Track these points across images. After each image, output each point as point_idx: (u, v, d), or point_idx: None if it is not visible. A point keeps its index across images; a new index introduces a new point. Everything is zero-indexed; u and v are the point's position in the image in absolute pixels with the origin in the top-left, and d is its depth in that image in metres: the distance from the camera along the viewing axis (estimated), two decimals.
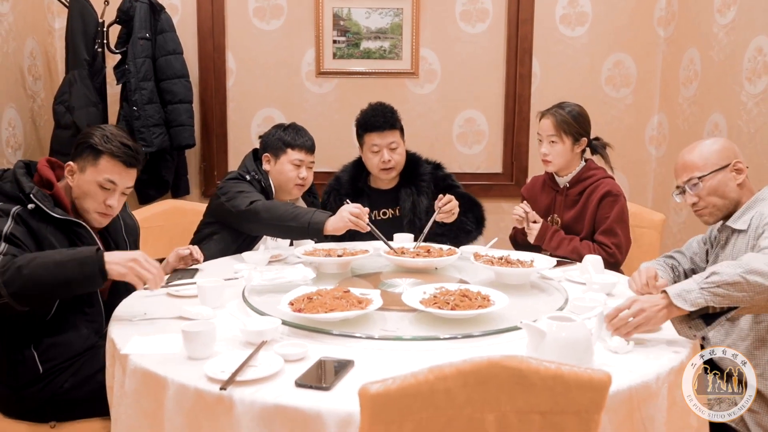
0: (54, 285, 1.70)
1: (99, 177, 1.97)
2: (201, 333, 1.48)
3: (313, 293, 1.75)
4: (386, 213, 2.85)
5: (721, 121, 3.11)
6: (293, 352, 1.47)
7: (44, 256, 1.73)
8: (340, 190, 2.86)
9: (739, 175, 1.94)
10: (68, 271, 1.70)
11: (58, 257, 1.72)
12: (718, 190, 1.94)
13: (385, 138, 2.75)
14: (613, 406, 1.35)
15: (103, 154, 1.97)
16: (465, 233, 2.76)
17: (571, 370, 1.14)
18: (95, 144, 1.96)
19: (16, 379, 1.88)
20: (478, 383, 1.12)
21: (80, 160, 1.98)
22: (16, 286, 1.66)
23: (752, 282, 1.52)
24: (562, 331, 1.41)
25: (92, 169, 1.97)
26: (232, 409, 1.30)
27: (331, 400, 1.28)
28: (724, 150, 1.96)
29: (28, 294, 1.69)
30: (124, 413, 1.48)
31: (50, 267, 1.69)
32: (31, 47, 3.17)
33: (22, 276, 1.66)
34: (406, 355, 1.53)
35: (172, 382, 1.38)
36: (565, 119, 2.55)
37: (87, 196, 1.98)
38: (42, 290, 1.70)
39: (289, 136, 2.66)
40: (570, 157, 2.57)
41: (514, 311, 1.75)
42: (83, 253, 1.74)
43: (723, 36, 3.10)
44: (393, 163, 2.76)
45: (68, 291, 1.78)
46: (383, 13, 3.60)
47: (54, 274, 1.69)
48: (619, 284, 2.05)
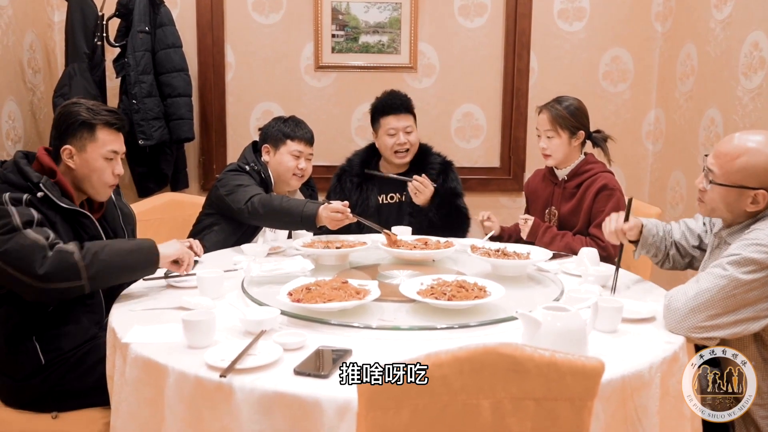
0: (123, 270, 1.87)
1: (102, 150, 2.00)
2: (201, 322, 1.50)
3: (312, 284, 1.77)
4: (393, 197, 2.92)
5: (717, 116, 3.12)
6: (292, 341, 1.49)
7: (113, 245, 1.88)
8: (351, 172, 2.94)
9: (753, 205, 1.72)
10: (135, 258, 1.88)
11: (126, 246, 1.91)
12: (726, 200, 1.76)
13: (401, 121, 2.87)
14: (605, 394, 1.37)
15: (97, 126, 1.99)
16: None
17: (564, 358, 1.16)
18: (86, 119, 1.97)
19: (18, 370, 1.90)
20: (474, 370, 1.14)
21: (75, 140, 1.98)
22: (94, 269, 1.78)
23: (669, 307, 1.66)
24: (557, 321, 1.43)
25: (92, 144, 1.99)
26: (232, 397, 1.32)
27: (329, 387, 1.31)
28: (763, 173, 1.69)
29: (101, 277, 1.81)
30: (124, 401, 1.50)
31: (122, 254, 1.86)
32: (31, 40, 3.18)
33: (99, 261, 1.79)
34: (404, 344, 1.55)
35: (173, 370, 1.40)
36: (560, 114, 2.58)
37: (94, 172, 2.00)
38: (112, 275, 1.85)
39: (289, 127, 2.71)
40: (568, 150, 2.59)
41: (510, 302, 1.78)
42: (146, 243, 1.93)
43: (720, 31, 3.12)
44: (408, 145, 2.87)
45: (131, 276, 1.94)
46: (382, 8, 3.61)
47: (125, 260, 1.86)
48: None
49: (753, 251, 1.61)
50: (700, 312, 1.61)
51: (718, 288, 1.61)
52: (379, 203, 2.92)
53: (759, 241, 1.62)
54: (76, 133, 1.97)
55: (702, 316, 1.61)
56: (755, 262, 1.60)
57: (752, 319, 1.62)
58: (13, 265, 1.72)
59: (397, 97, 2.94)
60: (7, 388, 1.93)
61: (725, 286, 1.60)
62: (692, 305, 1.61)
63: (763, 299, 1.61)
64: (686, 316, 1.61)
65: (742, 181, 1.71)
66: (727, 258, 1.64)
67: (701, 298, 1.61)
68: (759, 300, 1.61)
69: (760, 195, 1.70)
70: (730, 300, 1.60)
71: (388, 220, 2.77)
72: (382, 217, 2.86)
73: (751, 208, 1.73)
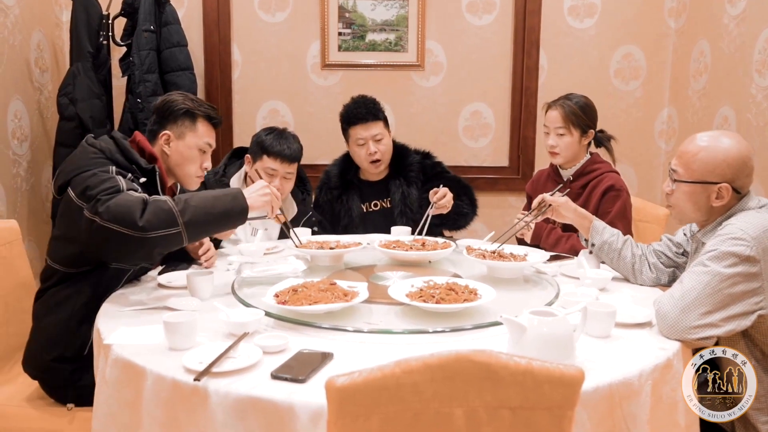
0: (215, 215, 1.80)
1: (200, 141, 2.07)
2: (182, 324, 1.49)
3: (299, 285, 1.74)
4: (377, 205, 2.84)
5: (730, 114, 3.04)
6: (273, 344, 1.46)
7: (201, 193, 1.84)
8: (330, 184, 2.85)
9: (717, 200, 1.73)
10: (225, 204, 1.81)
11: (213, 193, 1.85)
12: (692, 199, 1.77)
13: (369, 130, 2.73)
14: (592, 402, 1.33)
15: (199, 117, 2.06)
16: (462, 216, 2.76)
17: (541, 366, 1.12)
18: (191, 108, 2.05)
19: (62, 352, 1.87)
20: (446, 377, 1.10)
21: (175, 127, 2.05)
22: (188, 214, 1.74)
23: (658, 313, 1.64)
24: (543, 326, 1.39)
25: (192, 134, 2.06)
26: (207, 400, 1.30)
27: (304, 392, 1.28)
28: (724, 166, 1.71)
29: (196, 225, 1.76)
30: (104, 403, 1.49)
31: (210, 200, 1.80)
32: (38, 39, 3.20)
33: (191, 207, 1.75)
34: (389, 348, 1.51)
35: (150, 373, 1.39)
36: (573, 110, 2.52)
37: (187, 161, 2.07)
38: (205, 221, 1.79)
39: (269, 140, 2.52)
40: (577, 149, 2.54)
41: (503, 305, 1.73)
42: (232, 191, 1.88)
43: (733, 27, 3.04)
44: (379, 154, 2.75)
45: (222, 224, 1.86)
46: (389, 5, 3.58)
47: (215, 206, 1.79)
48: (613, 280, 2.03)
49: (729, 245, 1.60)
50: (690, 311, 1.58)
51: (702, 284, 1.59)
52: (363, 212, 2.83)
53: (733, 234, 1.62)
54: (177, 120, 2.06)
55: (693, 315, 1.57)
56: (734, 254, 1.59)
57: (743, 315, 1.59)
58: (117, 220, 1.70)
59: (362, 105, 2.77)
60: (42, 366, 1.91)
61: (709, 282, 1.59)
62: (681, 306, 1.59)
63: (750, 293, 1.59)
64: (677, 319, 1.58)
65: (703, 177, 1.73)
66: (706, 255, 1.63)
67: (688, 297, 1.59)
68: (746, 294, 1.59)
69: (723, 189, 1.72)
70: (717, 295, 1.58)
71: (377, 229, 2.69)
72: (369, 225, 2.79)
73: (717, 203, 1.74)
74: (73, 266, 1.90)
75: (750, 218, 1.67)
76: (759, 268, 1.60)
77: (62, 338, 1.88)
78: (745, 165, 1.73)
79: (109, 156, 1.91)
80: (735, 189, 1.73)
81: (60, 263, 1.92)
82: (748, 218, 1.67)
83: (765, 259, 1.60)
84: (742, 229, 1.62)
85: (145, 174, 1.96)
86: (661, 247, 2.08)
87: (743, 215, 1.70)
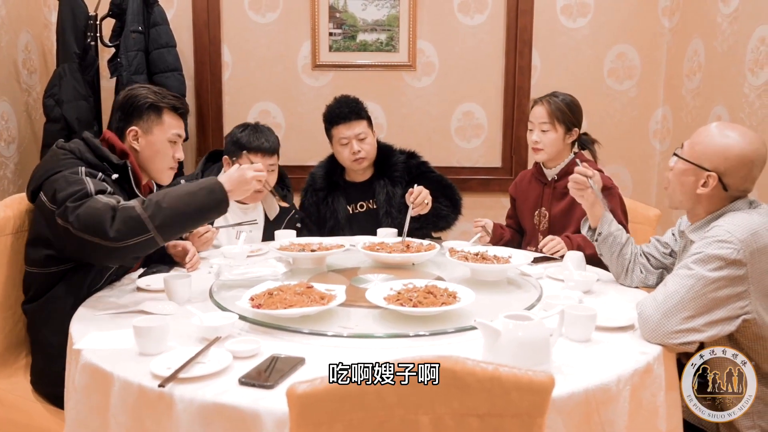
0: (190, 213, 1.76)
1: (168, 133, 2.05)
2: (152, 328, 1.46)
3: (275, 288, 1.71)
4: (363, 206, 2.82)
5: (724, 113, 3.01)
6: (244, 349, 1.44)
7: (174, 190, 1.78)
8: (315, 186, 2.83)
9: (702, 187, 1.71)
10: (201, 198, 1.77)
11: (187, 189, 1.78)
12: (681, 180, 1.75)
13: (352, 129, 2.72)
14: (567, 408, 1.30)
15: (164, 109, 2.04)
16: (442, 218, 2.72)
17: (509, 372, 1.09)
18: (154, 102, 2.03)
19: (53, 352, 1.81)
20: (411, 384, 1.07)
21: (142, 122, 2.03)
22: (159, 218, 1.70)
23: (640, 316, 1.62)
24: (519, 330, 1.36)
25: (159, 127, 2.04)
26: (173, 407, 1.27)
27: (272, 399, 1.25)
28: (720, 157, 1.68)
29: (169, 226, 1.73)
30: (73, 408, 1.46)
31: (184, 198, 1.75)
32: (26, 41, 3.18)
33: (162, 209, 1.71)
34: (366, 353, 1.47)
35: (117, 378, 1.36)
36: (559, 107, 2.50)
37: (158, 154, 2.05)
38: (180, 220, 1.75)
39: (246, 137, 2.54)
40: (561, 146, 2.51)
41: (484, 308, 1.70)
42: (209, 182, 1.82)
43: (726, 26, 3.00)
44: (363, 153, 2.73)
45: (201, 219, 1.84)
46: (380, 5, 3.55)
47: (189, 203, 1.75)
48: (598, 282, 1.99)
49: (715, 248, 1.57)
50: (672, 315, 1.54)
51: (686, 288, 1.56)
52: (349, 213, 2.81)
53: (719, 237, 1.58)
54: (143, 115, 2.03)
55: (675, 320, 1.54)
56: (719, 257, 1.56)
57: (727, 320, 1.56)
58: (89, 230, 1.69)
59: (345, 105, 2.78)
60: (53, 382, 1.80)
61: (693, 286, 1.56)
62: (663, 309, 1.55)
63: (735, 298, 1.56)
64: (659, 323, 1.55)
65: (699, 160, 1.72)
66: (692, 257, 1.60)
67: (671, 301, 1.56)
68: (731, 299, 1.56)
69: (710, 178, 1.70)
70: (701, 300, 1.55)
71: (364, 230, 2.67)
72: (355, 227, 2.77)
73: (701, 191, 1.72)
74: (53, 265, 1.88)
75: (738, 220, 1.64)
76: (745, 272, 1.56)
77: (62, 350, 1.76)
78: (743, 165, 1.67)
79: (79, 156, 1.89)
80: (723, 184, 1.69)
81: (39, 265, 1.89)
82: (736, 220, 1.64)
83: (752, 263, 1.57)
84: (729, 231, 1.59)
85: (117, 170, 1.94)
86: (649, 248, 2.05)
87: (732, 216, 1.67)
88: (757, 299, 1.58)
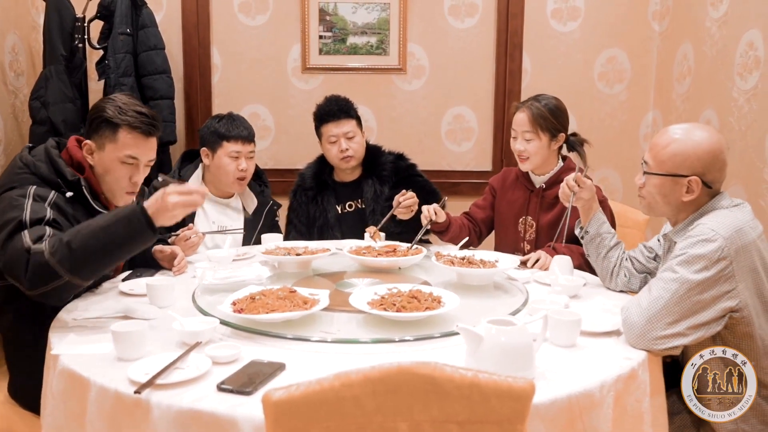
0: (106, 251, 1.62)
1: (120, 153, 1.89)
2: (130, 333, 1.44)
3: (258, 293, 1.69)
4: (352, 205, 2.81)
5: (713, 117, 3.00)
6: (224, 354, 1.42)
7: (88, 225, 1.64)
8: (304, 186, 2.83)
9: (687, 194, 1.68)
10: (117, 232, 1.60)
11: (101, 222, 1.63)
12: (661, 192, 1.72)
13: (341, 127, 2.73)
14: (549, 414, 1.28)
15: (121, 126, 1.88)
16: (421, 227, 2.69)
17: (489, 378, 1.08)
18: (110, 117, 1.88)
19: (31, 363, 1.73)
20: (389, 391, 1.06)
21: (97, 137, 1.90)
22: (69, 262, 1.58)
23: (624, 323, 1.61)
24: (501, 335, 1.34)
25: (111, 145, 1.89)
26: (149, 413, 1.26)
27: (250, 405, 1.23)
28: (694, 158, 1.66)
29: (84, 267, 1.61)
30: (50, 414, 1.44)
31: (98, 234, 1.60)
32: (13, 42, 3.15)
33: (72, 251, 1.58)
34: (348, 358, 1.46)
35: (94, 384, 1.34)
36: (541, 113, 2.40)
37: (108, 174, 1.91)
38: (96, 259, 1.62)
39: (224, 126, 2.62)
40: (547, 154, 2.44)
41: (469, 313, 1.69)
42: (125, 211, 1.64)
43: (716, 30, 3.00)
44: (351, 152, 2.73)
45: (122, 253, 1.67)
46: (370, 8, 3.54)
47: (103, 240, 1.60)
48: (585, 286, 1.98)
49: (699, 248, 1.56)
50: (657, 321, 1.53)
51: (670, 293, 1.55)
52: (338, 213, 2.80)
53: (703, 236, 1.57)
54: (98, 130, 1.90)
55: (660, 325, 1.53)
56: (703, 257, 1.54)
57: (713, 321, 1.55)
58: (10, 273, 1.64)
59: (334, 103, 2.80)
60: (35, 396, 1.69)
61: (677, 290, 1.54)
62: (648, 315, 1.54)
63: (721, 298, 1.55)
64: (644, 329, 1.53)
65: (674, 169, 1.68)
66: (676, 259, 1.59)
67: (655, 306, 1.55)
68: (716, 300, 1.54)
69: (693, 182, 1.67)
70: (685, 304, 1.53)
71: (353, 230, 2.66)
72: (345, 227, 2.76)
73: (687, 198, 1.69)
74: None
75: (721, 218, 1.63)
76: (731, 270, 1.55)
77: (39, 366, 1.67)
78: (716, 158, 1.67)
79: (33, 170, 1.81)
80: (705, 183, 1.68)
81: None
82: (719, 218, 1.63)
83: (737, 260, 1.56)
84: (713, 229, 1.58)
85: (71, 187, 1.85)
86: (635, 253, 2.03)
87: (714, 214, 1.66)
88: (745, 297, 1.57)
